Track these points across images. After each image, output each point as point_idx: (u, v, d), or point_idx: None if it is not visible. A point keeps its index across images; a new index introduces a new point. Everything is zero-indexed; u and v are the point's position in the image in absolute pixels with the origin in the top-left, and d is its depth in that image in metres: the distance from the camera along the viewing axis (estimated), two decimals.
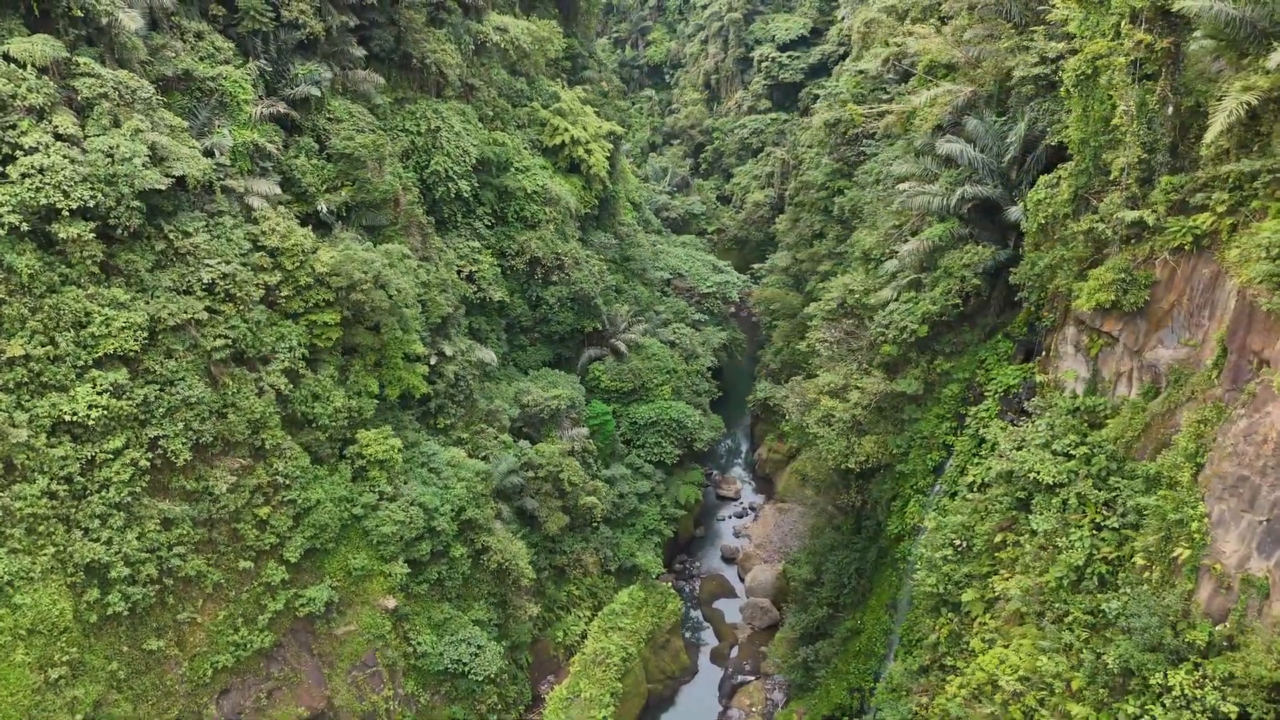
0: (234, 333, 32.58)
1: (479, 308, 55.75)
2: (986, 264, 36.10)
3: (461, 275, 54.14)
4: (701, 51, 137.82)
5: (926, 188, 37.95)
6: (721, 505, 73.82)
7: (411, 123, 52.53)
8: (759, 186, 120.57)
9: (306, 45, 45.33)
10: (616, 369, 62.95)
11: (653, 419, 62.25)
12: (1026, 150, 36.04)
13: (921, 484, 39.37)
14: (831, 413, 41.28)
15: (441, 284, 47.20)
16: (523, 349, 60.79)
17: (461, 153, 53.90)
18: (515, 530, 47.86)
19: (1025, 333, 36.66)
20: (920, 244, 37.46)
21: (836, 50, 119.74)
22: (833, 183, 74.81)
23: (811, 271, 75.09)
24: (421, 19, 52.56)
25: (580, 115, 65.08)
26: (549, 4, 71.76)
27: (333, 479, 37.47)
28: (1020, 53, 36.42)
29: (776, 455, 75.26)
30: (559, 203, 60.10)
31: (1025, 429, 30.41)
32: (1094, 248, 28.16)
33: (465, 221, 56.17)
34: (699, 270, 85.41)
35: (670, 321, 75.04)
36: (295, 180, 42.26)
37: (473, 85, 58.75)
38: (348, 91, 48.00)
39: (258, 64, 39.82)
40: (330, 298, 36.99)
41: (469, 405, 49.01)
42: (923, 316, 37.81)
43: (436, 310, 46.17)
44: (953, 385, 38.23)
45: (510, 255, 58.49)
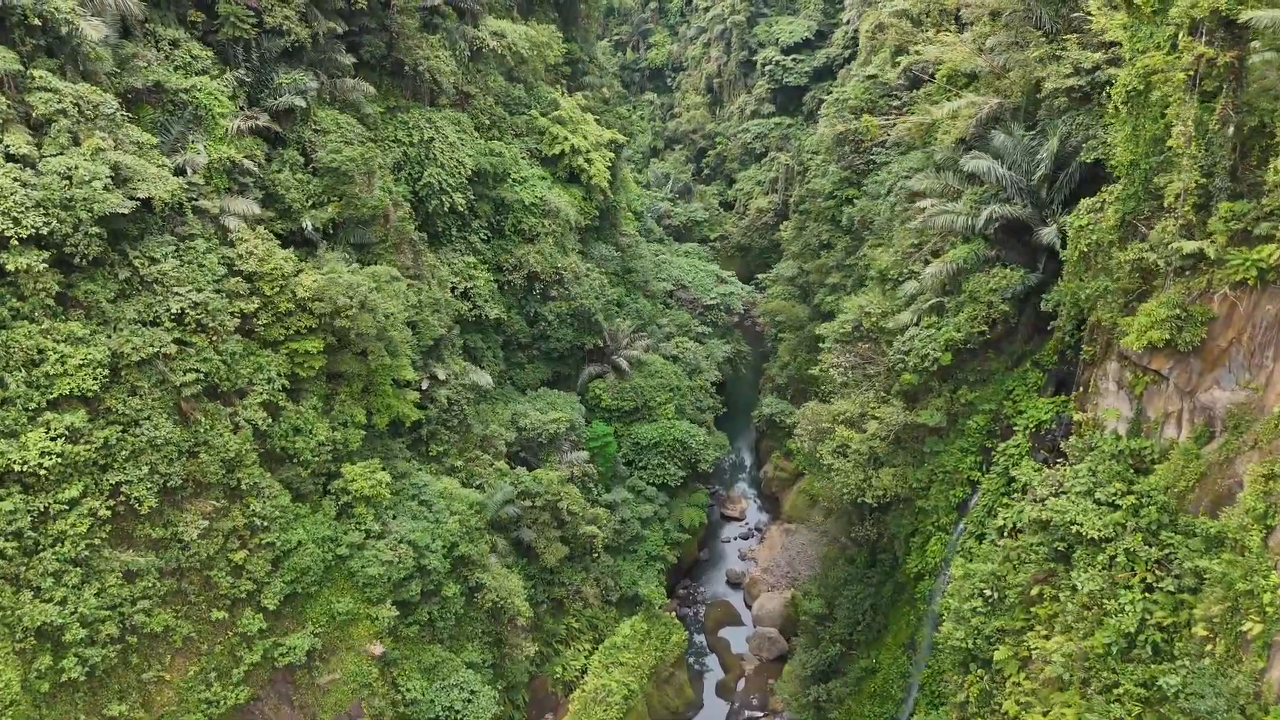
0: (206, 366, 30.15)
1: (474, 325, 53.33)
2: (1015, 289, 33.68)
3: (456, 292, 51.71)
4: (704, 54, 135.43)
5: (949, 206, 35.55)
6: (726, 525, 71.45)
7: (404, 133, 50.14)
8: (762, 192, 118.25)
9: (291, 53, 42.91)
10: (618, 387, 60.53)
11: (655, 440, 59.81)
12: (1058, 167, 33.63)
13: (943, 521, 36.94)
14: (847, 443, 38.87)
15: (434, 304, 44.78)
16: (520, 367, 58.36)
17: (456, 164, 51.49)
18: (511, 563, 45.46)
19: (1056, 362, 34.24)
20: (943, 266, 35.05)
21: (841, 53, 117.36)
22: (841, 191, 72.46)
23: (819, 284, 72.73)
24: (414, 24, 50.17)
25: (580, 123, 62.68)
26: (548, 7, 69.34)
27: (315, 518, 35.04)
28: (1051, 62, 34.01)
29: (783, 473, 72.86)
30: (558, 215, 57.68)
31: (1063, 473, 27.98)
32: (1142, 279, 25.75)
33: (460, 235, 53.76)
34: (702, 281, 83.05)
35: (673, 335, 72.65)
36: (278, 196, 39.83)
37: (468, 93, 56.34)
38: (336, 101, 45.57)
39: (236, 74, 37.40)
40: (313, 324, 34.59)
41: (463, 431, 46.59)
42: (946, 344, 35.39)
43: (428, 332, 43.77)
44: (977, 417, 35.80)
45: (507, 270, 56.07)
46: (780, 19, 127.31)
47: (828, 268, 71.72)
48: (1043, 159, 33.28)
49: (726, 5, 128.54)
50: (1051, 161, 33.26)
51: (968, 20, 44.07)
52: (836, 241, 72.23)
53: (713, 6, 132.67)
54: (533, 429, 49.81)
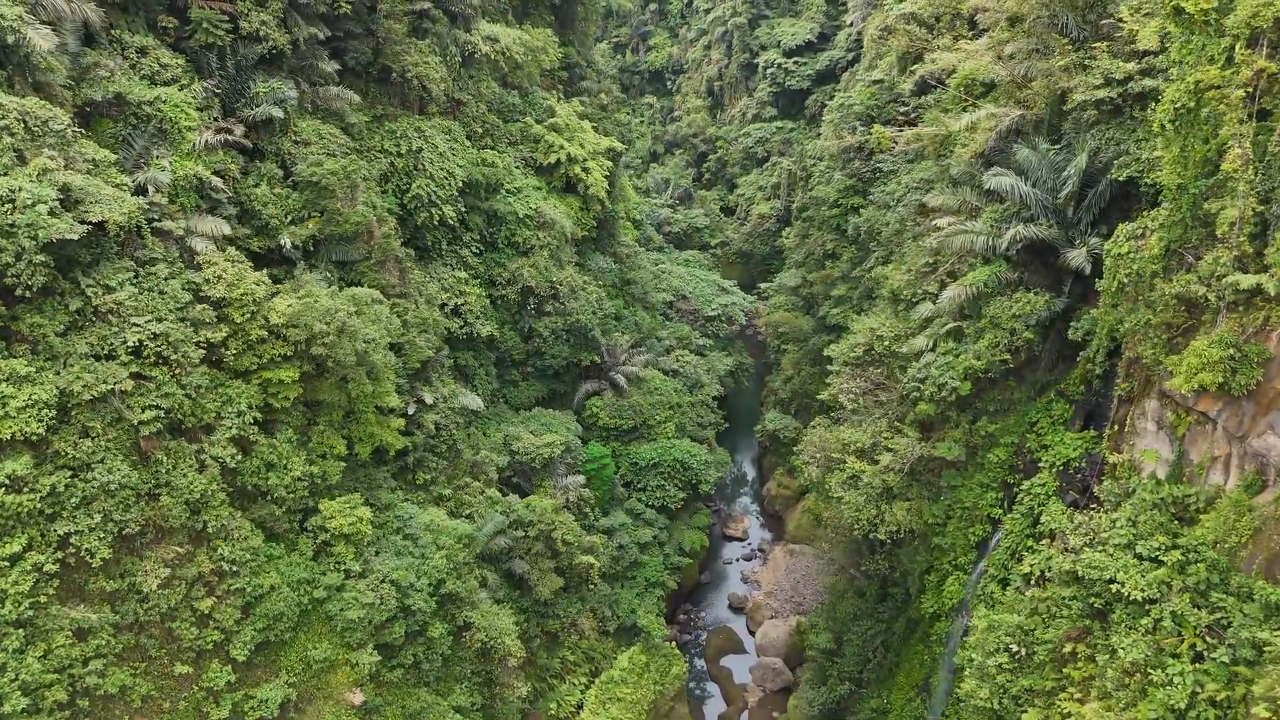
0: (168, 401, 27.84)
1: (466, 343, 51.04)
2: (1040, 315, 31.38)
3: (446, 309, 49.41)
4: (704, 57, 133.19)
5: (968, 225, 33.25)
6: (728, 546, 69.16)
7: (391, 143, 47.83)
8: (764, 198, 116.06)
9: (270, 60, 40.60)
10: (616, 405, 58.22)
11: (655, 460, 57.52)
12: (1086, 184, 31.35)
13: (962, 560, 34.66)
14: (858, 475, 36.56)
15: (421, 324, 42.49)
16: (514, 384, 56.08)
17: (446, 175, 49.20)
18: (503, 596, 43.17)
19: (1083, 393, 31.94)
20: (962, 290, 32.74)
21: (844, 56, 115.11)
22: (846, 200, 70.23)
23: (824, 295, 70.44)
24: (403, 29, 47.85)
25: (577, 131, 60.39)
26: (544, 11, 67.04)
27: (290, 559, 32.74)
28: (1079, 72, 31.72)
29: (786, 491, 70.59)
30: (554, 227, 55.39)
31: (1098, 520, 25.68)
32: (1188, 313, 23.46)
33: (451, 249, 51.46)
34: (703, 291, 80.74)
35: (673, 348, 70.38)
36: (255, 212, 37.54)
37: (460, 100, 54.05)
38: (318, 110, 43.25)
39: (205, 85, 35.13)
40: (288, 351, 32.28)
41: (452, 457, 44.30)
42: (965, 372, 33.08)
43: (415, 354, 41.47)
44: (998, 450, 33.51)
45: (500, 284, 53.79)
46: (782, 21, 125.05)
47: (833, 279, 69.46)
48: (1070, 176, 30.99)
49: (727, 7, 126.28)
50: (1079, 179, 30.97)
51: (984, 26, 41.79)
52: (842, 252, 69.99)
53: (714, 8, 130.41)
54: (526, 453, 47.51)
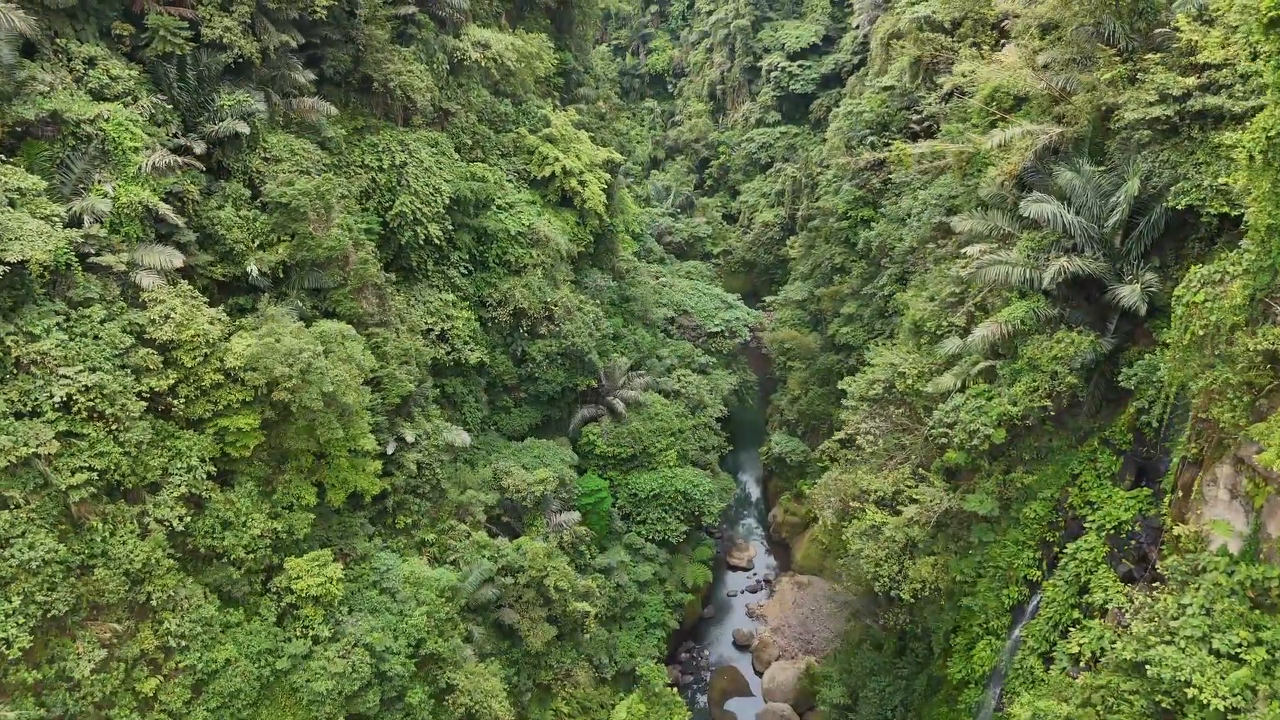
0: (103, 461, 24.61)
1: (454, 369, 47.82)
2: (1085, 357, 28.10)
3: (432, 334, 46.18)
4: (706, 60, 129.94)
5: (1003, 256, 29.97)
6: (732, 576, 65.82)
7: (372, 157, 44.58)
8: (768, 205, 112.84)
9: (237, 70, 37.36)
10: (614, 432, 54.95)
11: (655, 491, 54.22)
12: (1137, 212, 28.09)
13: (994, 624, 31.37)
14: (878, 526, 33.29)
15: (402, 355, 39.22)
16: (506, 411, 52.81)
17: (432, 191, 45.94)
18: (491, 649, 39.89)
19: (1131, 443, 28.68)
20: (996, 328, 29.47)
21: (850, 60, 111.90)
22: (855, 212, 66.97)
23: (833, 313, 67.13)
24: (385, 35, 44.58)
25: (573, 142, 57.14)
26: (539, 15, 63.79)
27: (250, 626, 29.49)
28: (1127, 86, 28.46)
29: (793, 518, 67.31)
30: (548, 244, 52.13)
31: (1164, 603, 22.41)
32: (1274, 372, 20.18)
33: (437, 269, 48.20)
34: (705, 306, 77.43)
35: (674, 368, 67.07)
36: (217, 237, 34.32)
37: (448, 110, 50.79)
38: (291, 124, 40.02)
39: (156, 100, 31.84)
40: (247, 397, 29.05)
41: (436, 498, 41.05)
42: (999, 418, 29.80)
43: (395, 389, 38.22)
44: (1036, 504, 30.22)
45: (491, 306, 50.53)
46: (786, 24, 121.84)
47: (842, 296, 66.14)
48: (1119, 203, 27.71)
49: (730, 9, 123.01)
50: (1129, 206, 27.70)
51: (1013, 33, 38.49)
52: (851, 266, 66.70)
53: (716, 10, 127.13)
54: (516, 491, 44.22)
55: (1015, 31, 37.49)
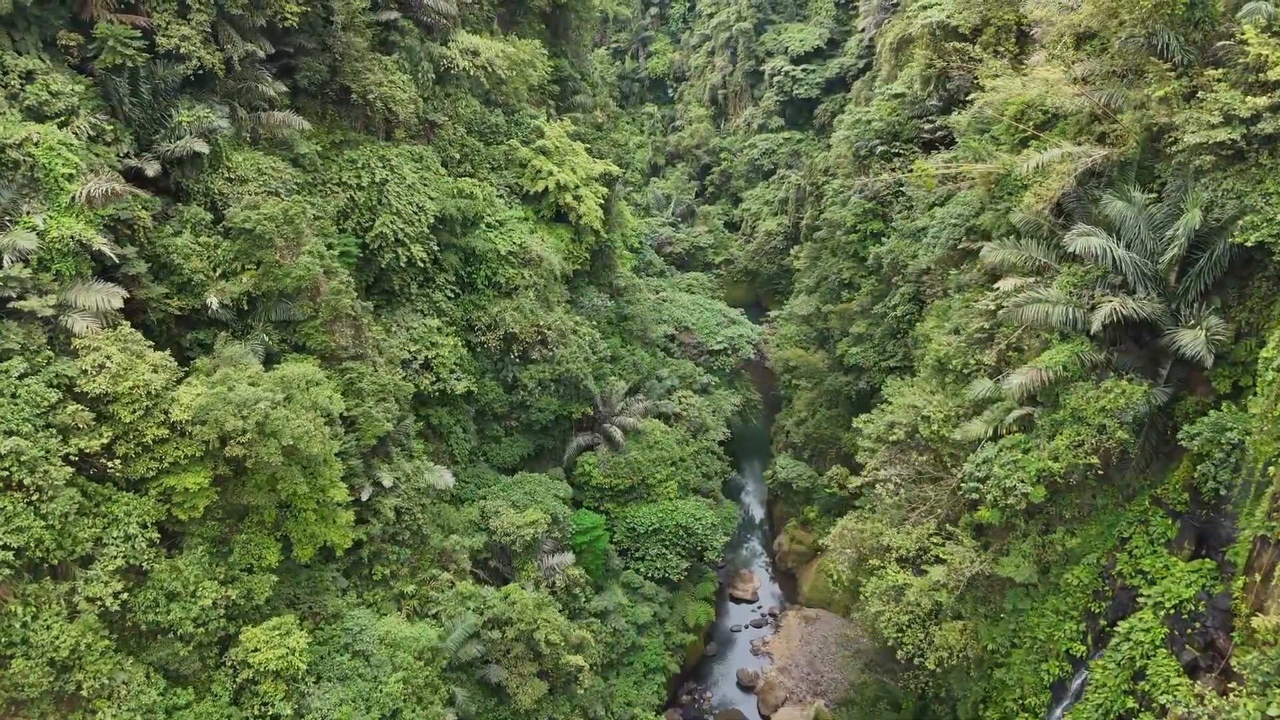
0: (21, 538, 21.51)
1: (439, 398, 44.74)
2: (1138, 410, 24.99)
3: (415, 363, 43.11)
4: (708, 64, 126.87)
5: (1043, 294, 26.83)
6: (735, 609, 62.65)
7: (351, 174, 41.49)
8: (771, 213, 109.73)
9: (199, 82, 34.32)
10: (611, 462, 51.83)
11: (655, 526, 51.12)
12: (1196, 247, 24.97)
13: (1031, 701, 28.22)
14: (901, 586, 30.15)
15: (379, 391, 36.08)
16: (496, 441, 49.68)
17: (416, 210, 42.86)
18: (476, 708, 36.76)
19: (1187, 504, 25.57)
20: (1035, 375, 26.33)
21: (855, 64, 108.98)
22: (864, 224, 63.77)
23: (841, 331, 63.93)
24: (364, 43, 41.49)
25: (568, 154, 54.05)
26: (533, 20, 60.73)
27: (201, 707, 26.36)
28: (1183, 105, 25.34)
29: (800, 547, 64.15)
30: (541, 264, 49.04)
31: (1243, 710, 19.28)
32: None
33: (421, 293, 45.09)
34: (708, 322, 74.29)
35: (675, 388, 63.95)
36: (174, 267, 31.25)
37: (434, 122, 47.71)
38: (260, 140, 36.93)
39: (95, 120, 28.70)
40: (196, 452, 25.92)
41: (417, 544, 37.93)
42: (1038, 475, 26.67)
43: (371, 429, 35.10)
44: (1079, 570, 27.10)
45: (480, 329, 47.43)
46: (789, 27, 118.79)
47: (851, 314, 62.93)
48: (1177, 237, 24.59)
49: (732, 12, 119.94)
50: (1188, 240, 24.58)
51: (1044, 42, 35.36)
52: (860, 282, 63.54)
53: (717, 13, 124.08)
54: (505, 534, 41.09)
55: (1047, 40, 34.35)
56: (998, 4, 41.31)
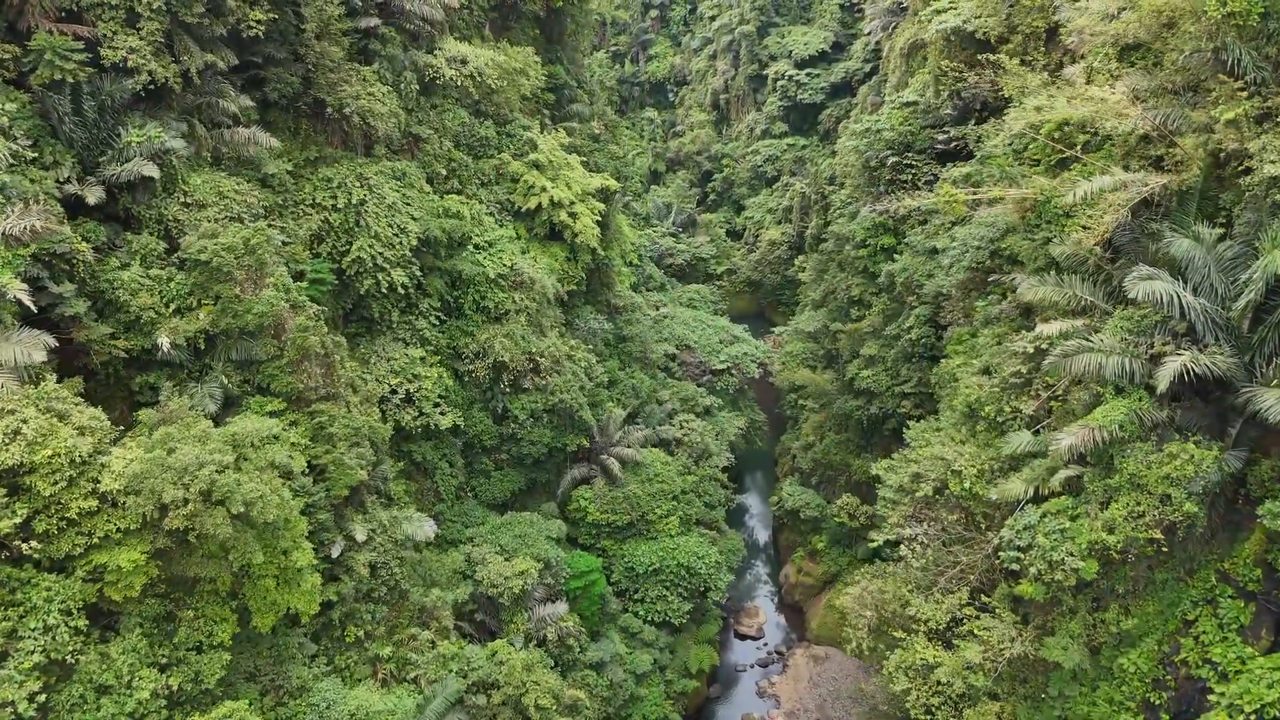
0: None
1: (423, 432, 41.60)
2: (1209, 479, 21.80)
3: (396, 397, 39.98)
4: (709, 68, 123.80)
5: (1095, 342, 23.62)
6: (740, 645, 59.46)
7: (325, 194, 38.34)
8: (775, 221, 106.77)
9: (153, 97, 31.22)
10: (608, 497, 48.62)
11: (655, 566, 47.89)
12: (1274, 291, 21.79)
13: None
14: (929, 663, 26.96)
15: (353, 435, 32.89)
16: (485, 475, 46.51)
17: (396, 232, 39.71)
18: None
19: (1260, 582, 22.39)
20: (1088, 434, 23.13)
21: (861, 68, 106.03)
22: (875, 239, 60.57)
23: (851, 352, 60.71)
24: (340, 52, 38.31)
25: (563, 168, 50.88)
26: (527, 24, 57.58)
27: None
28: (1256, 129, 22.16)
29: (808, 579, 60.93)
30: (533, 287, 45.88)
31: None
32: None
33: (403, 320, 41.93)
34: (710, 340, 71.10)
35: (676, 412, 60.81)
36: (120, 303, 28.12)
37: (418, 135, 44.56)
38: (223, 159, 33.80)
39: (16, 146, 25.54)
40: (131, 524, 22.74)
41: (395, 600, 34.73)
42: (1089, 548, 23.47)
43: (343, 479, 31.89)
44: (1136, 655, 23.89)
45: (467, 357, 44.27)
46: (793, 30, 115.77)
47: (861, 334, 59.71)
48: (1253, 280, 21.40)
49: (734, 14, 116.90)
50: (1265, 284, 21.40)
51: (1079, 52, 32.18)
52: (871, 300, 60.38)
53: (719, 16, 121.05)
54: (493, 585, 37.89)
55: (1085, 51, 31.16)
56: (1025, 10, 38.10)
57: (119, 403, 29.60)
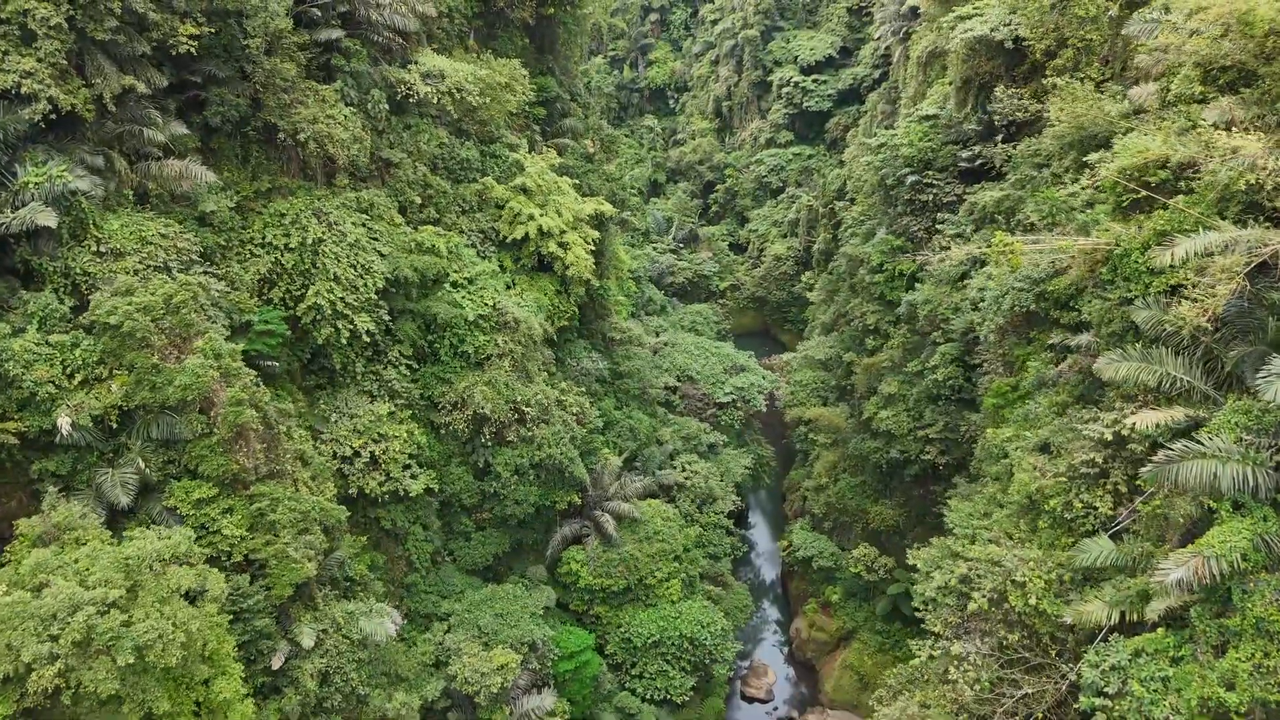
0: None
1: (393, 496, 36.79)
2: None
3: (360, 459, 35.16)
4: (711, 74, 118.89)
5: (1207, 444, 18.74)
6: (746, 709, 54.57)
7: (277, 232, 33.52)
8: (780, 235, 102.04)
9: (63, 127, 26.44)
10: (603, 558, 43.77)
11: (655, 638, 43.00)
12: None
13: None
14: None
15: (300, 521, 28.03)
16: (465, 538, 41.71)
17: (360, 273, 34.90)
18: None
19: None
20: (1200, 563, 18.26)
21: (870, 74, 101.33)
22: (892, 264, 55.76)
23: (868, 388, 55.84)
24: (293, 69, 33.52)
25: (553, 193, 46.02)
26: (515, 33, 52.74)
27: None
28: None
29: (821, 635, 56.07)
30: (518, 328, 41.04)
31: None
32: None
33: (369, 370, 37.12)
34: (713, 371, 66.28)
35: (678, 453, 56.03)
36: (10, 378, 23.34)
37: (389, 160, 39.72)
38: (149, 197, 28.98)
39: None
40: None
41: (350, 709, 29.83)
42: (1201, 705, 18.59)
43: (286, 576, 27.05)
44: None
45: (444, 407, 39.46)
46: (799, 34, 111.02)
47: (879, 369, 54.86)
48: None
49: (737, 18, 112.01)
50: None
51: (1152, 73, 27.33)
52: (889, 331, 55.54)
53: (721, 20, 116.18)
54: (468, 681, 33.04)
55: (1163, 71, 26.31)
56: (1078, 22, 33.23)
57: (17, 491, 24.90)
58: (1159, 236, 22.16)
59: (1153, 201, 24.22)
